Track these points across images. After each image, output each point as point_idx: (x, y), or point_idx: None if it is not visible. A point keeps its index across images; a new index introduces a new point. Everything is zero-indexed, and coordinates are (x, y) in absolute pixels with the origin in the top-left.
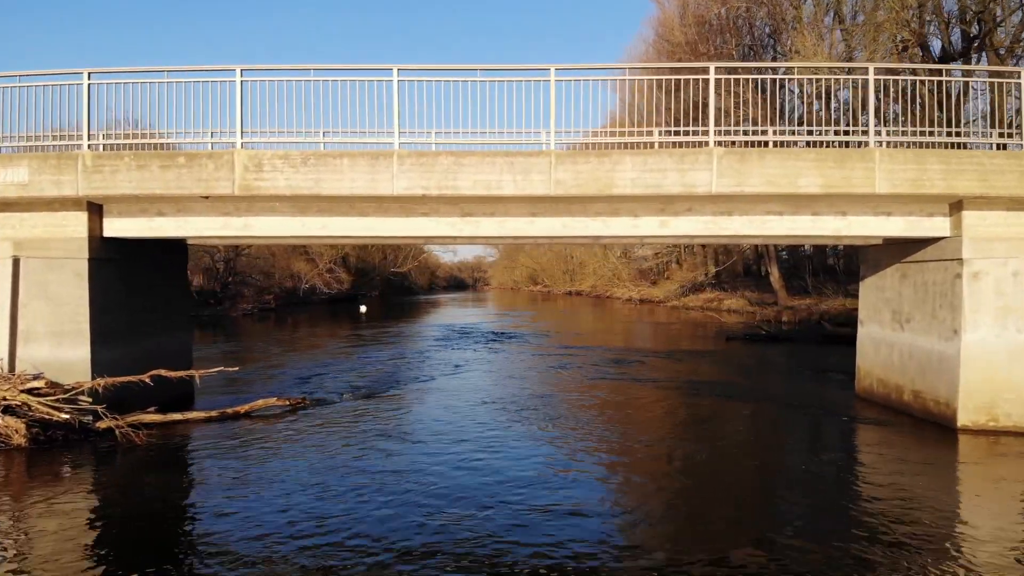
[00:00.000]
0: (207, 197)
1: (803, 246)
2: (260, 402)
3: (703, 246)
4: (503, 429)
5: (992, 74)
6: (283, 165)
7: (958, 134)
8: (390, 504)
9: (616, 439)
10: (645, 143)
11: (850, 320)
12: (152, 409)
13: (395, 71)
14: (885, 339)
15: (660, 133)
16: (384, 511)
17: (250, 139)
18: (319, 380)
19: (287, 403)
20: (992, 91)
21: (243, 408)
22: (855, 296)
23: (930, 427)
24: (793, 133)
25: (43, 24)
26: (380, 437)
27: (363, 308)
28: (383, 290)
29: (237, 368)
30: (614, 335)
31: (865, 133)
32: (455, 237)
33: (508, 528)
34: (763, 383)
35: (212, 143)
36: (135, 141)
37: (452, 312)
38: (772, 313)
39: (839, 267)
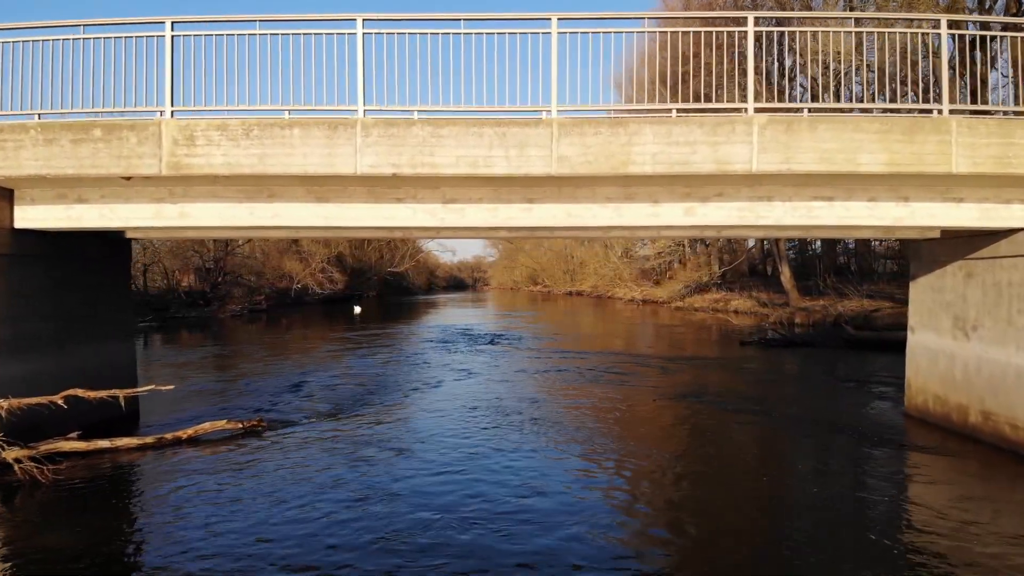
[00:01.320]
0: (129, 178)
1: (812, 244)
2: (207, 425)
3: (706, 244)
4: (494, 449)
5: None
6: (220, 138)
7: None
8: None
9: (624, 463)
10: (665, 110)
11: (869, 323)
12: (74, 435)
13: (360, 21)
14: (944, 349)
15: (681, 105)
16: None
17: (183, 108)
18: (292, 393)
19: (240, 426)
20: None
21: (185, 433)
22: (873, 297)
23: (1006, 457)
24: (850, 101)
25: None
26: (344, 467)
27: (357, 309)
28: (380, 290)
29: (172, 386)
30: (618, 338)
31: (937, 100)
32: (437, 228)
33: (492, 549)
34: (789, 396)
35: (144, 111)
36: (51, 113)
37: (450, 313)
38: (784, 314)
39: (853, 266)
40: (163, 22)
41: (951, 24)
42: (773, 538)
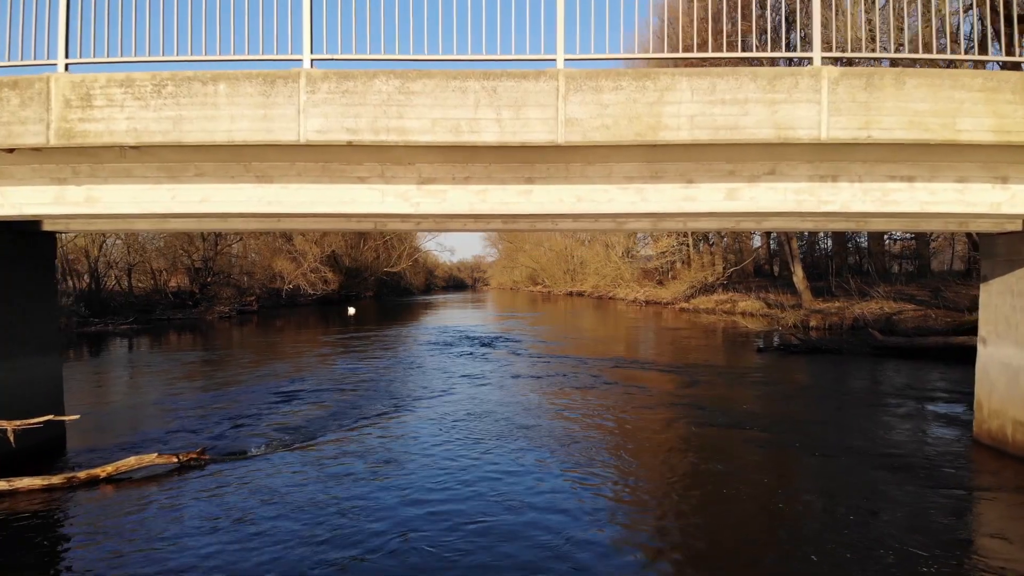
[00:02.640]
0: (11, 150)
1: (824, 242)
2: (132, 460)
3: (710, 243)
4: (484, 473)
5: None
6: (124, 96)
7: None
8: None
9: (633, 495)
10: (704, 60)
11: (892, 327)
12: None
13: None
14: None
15: (726, 54)
16: None
17: (80, 60)
18: (259, 411)
19: (174, 460)
20: None
21: (104, 470)
22: (893, 299)
23: None
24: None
25: None
26: (295, 507)
27: (351, 310)
28: (377, 291)
29: (77, 416)
30: (624, 343)
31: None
32: (411, 216)
33: None
34: (824, 416)
35: (33, 66)
36: None
37: (447, 314)
38: (798, 317)
39: (867, 267)
40: None
41: None
42: None
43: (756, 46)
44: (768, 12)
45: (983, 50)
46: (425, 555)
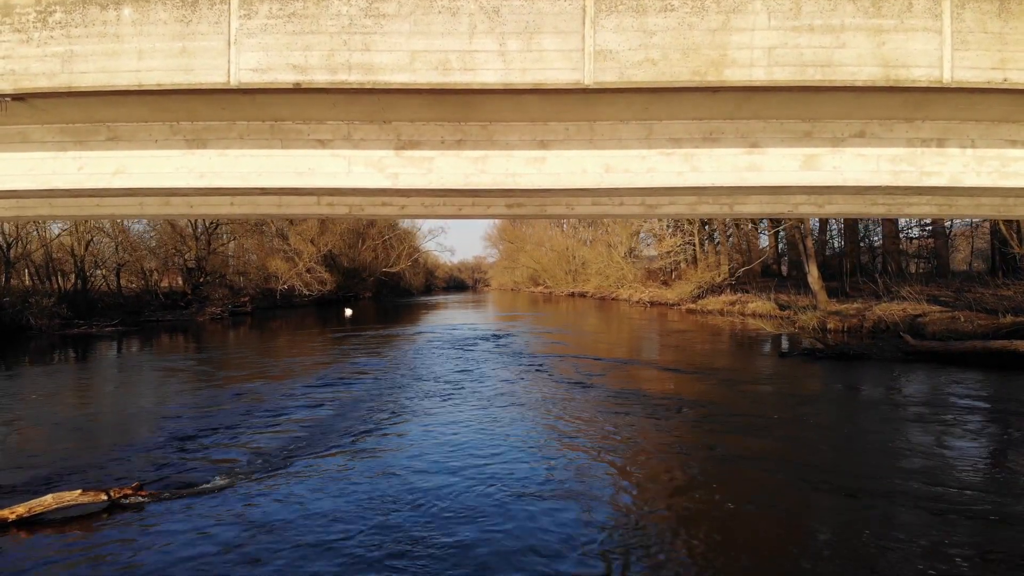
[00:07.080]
0: None
1: (835, 240)
2: (49, 499)
3: (715, 242)
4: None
5: None
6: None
7: None
8: None
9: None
10: None
11: (917, 330)
12: None
13: None
14: None
15: None
16: None
17: None
18: (222, 431)
19: (103, 498)
20: None
21: (14, 512)
22: (915, 300)
23: None
24: None
25: None
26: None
27: (348, 311)
28: (376, 292)
29: None
30: (632, 347)
31: None
32: (390, 192)
33: None
34: (882, 443)
35: None
36: None
37: (447, 315)
38: (815, 319)
39: (886, 265)
40: None
41: None
42: None
43: None
44: None
45: None
46: None
